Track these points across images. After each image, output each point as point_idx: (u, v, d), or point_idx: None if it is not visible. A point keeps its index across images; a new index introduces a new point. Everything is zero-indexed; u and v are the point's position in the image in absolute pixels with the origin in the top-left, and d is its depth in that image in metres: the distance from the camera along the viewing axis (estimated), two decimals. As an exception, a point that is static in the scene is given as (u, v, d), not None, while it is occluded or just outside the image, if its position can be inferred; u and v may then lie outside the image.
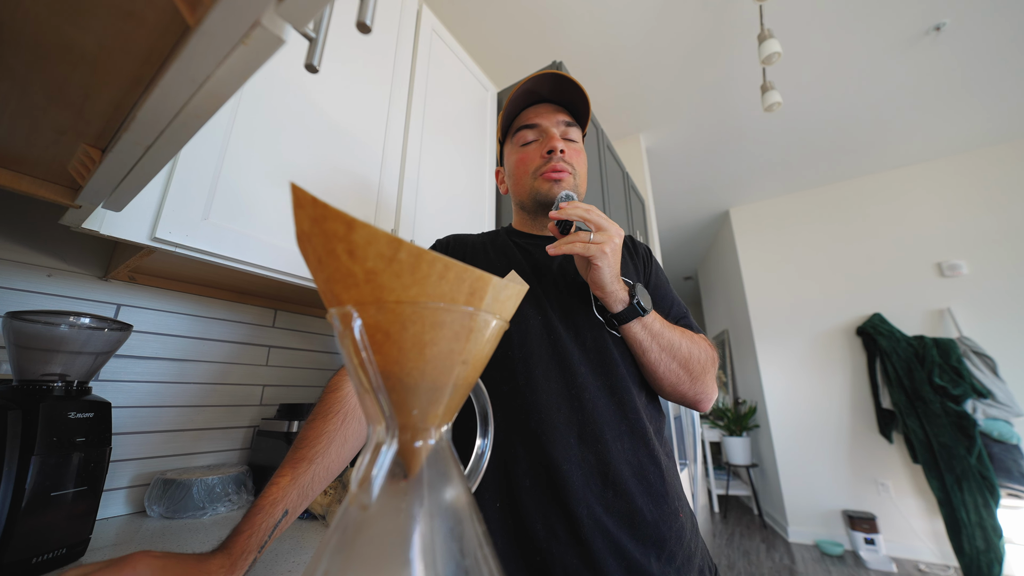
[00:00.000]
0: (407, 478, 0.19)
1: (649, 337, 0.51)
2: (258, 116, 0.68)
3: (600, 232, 0.48)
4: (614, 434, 0.48)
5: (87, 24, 0.25)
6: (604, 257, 0.47)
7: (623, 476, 0.46)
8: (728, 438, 3.40)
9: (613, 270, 0.48)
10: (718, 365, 0.57)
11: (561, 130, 0.61)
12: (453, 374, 0.19)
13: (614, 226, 0.49)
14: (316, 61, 0.26)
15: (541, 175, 0.60)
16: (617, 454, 0.47)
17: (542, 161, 0.60)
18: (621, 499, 0.45)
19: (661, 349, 0.51)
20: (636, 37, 1.81)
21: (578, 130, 0.63)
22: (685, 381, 0.53)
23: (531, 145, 0.62)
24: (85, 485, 0.50)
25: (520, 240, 0.65)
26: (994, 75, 2.02)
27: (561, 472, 0.45)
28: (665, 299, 0.61)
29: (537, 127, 0.62)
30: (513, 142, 0.64)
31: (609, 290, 0.49)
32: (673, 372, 0.52)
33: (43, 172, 0.44)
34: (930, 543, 2.36)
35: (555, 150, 0.59)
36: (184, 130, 0.30)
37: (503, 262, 0.61)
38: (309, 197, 0.17)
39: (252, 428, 0.87)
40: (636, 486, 0.46)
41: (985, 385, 2.22)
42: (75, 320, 0.53)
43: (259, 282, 0.76)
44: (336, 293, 0.17)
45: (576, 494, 0.44)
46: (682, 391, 0.54)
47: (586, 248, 0.46)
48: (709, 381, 0.54)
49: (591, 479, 0.45)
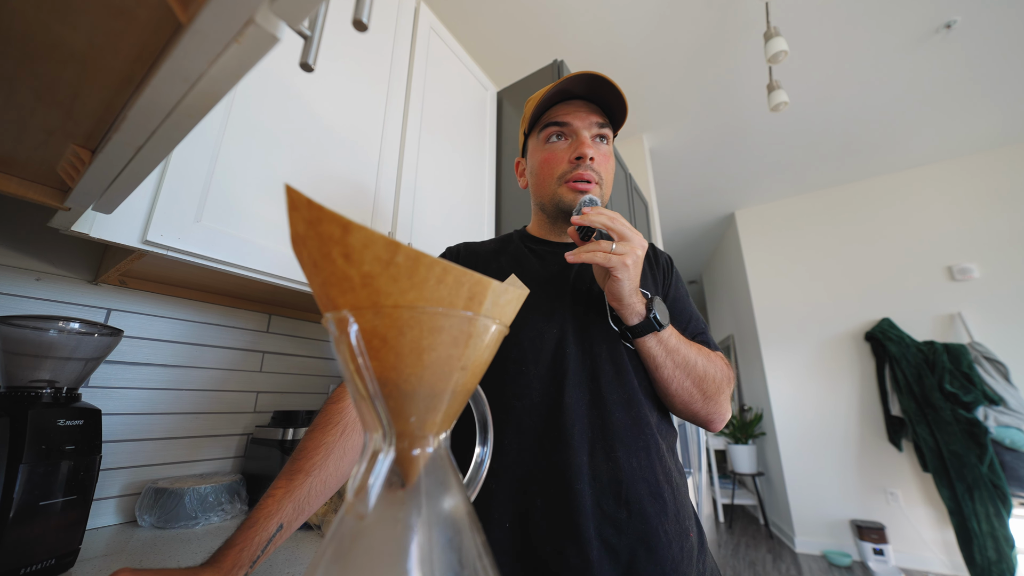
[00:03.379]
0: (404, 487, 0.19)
1: (664, 352, 0.50)
2: (252, 116, 0.67)
3: (623, 242, 0.46)
4: (627, 451, 0.47)
5: (77, 22, 0.25)
6: (625, 270, 0.45)
7: (637, 494, 0.45)
8: (733, 446, 3.34)
9: (633, 283, 0.47)
10: (733, 384, 0.55)
11: (593, 132, 0.59)
12: (452, 380, 0.19)
13: (638, 236, 0.47)
14: (311, 60, 0.26)
15: (567, 182, 0.58)
16: (631, 472, 0.46)
17: (569, 167, 0.57)
18: (635, 519, 0.44)
19: (676, 366, 0.50)
20: (639, 35, 1.80)
21: (610, 131, 0.61)
22: (698, 400, 0.51)
23: (559, 144, 0.59)
24: (74, 494, 0.49)
25: (536, 246, 0.63)
26: (1006, 73, 1.99)
27: (573, 491, 0.44)
28: (683, 313, 0.60)
29: (567, 126, 0.59)
30: (539, 138, 0.61)
31: (627, 303, 0.48)
32: (686, 390, 0.51)
33: (31, 173, 0.43)
34: (940, 554, 2.32)
35: (584, 157, 0.56)
36: (176, 130, 0.30)
37: (516, 271, 0.59)
38: (304, 199, 0.16)
39: (246, 436, 0.86)
40: (650, 505, 0.45)
41: (997, 392, 2.19)
42: (64, 325, 0.52)
43: (253, 286, 0.75)
44: (332, 297, 0.17)
45: (587, 513, 0.43)
46: (694, 410, 0.52)
47: (607, 259, 0.45)
48: (723, 401, 0.53)
49: (604, 498, 0.44)
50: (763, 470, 3.31)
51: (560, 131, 0.59)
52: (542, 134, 0.61)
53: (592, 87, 0.58)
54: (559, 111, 0.60)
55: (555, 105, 0.60)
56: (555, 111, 0.60)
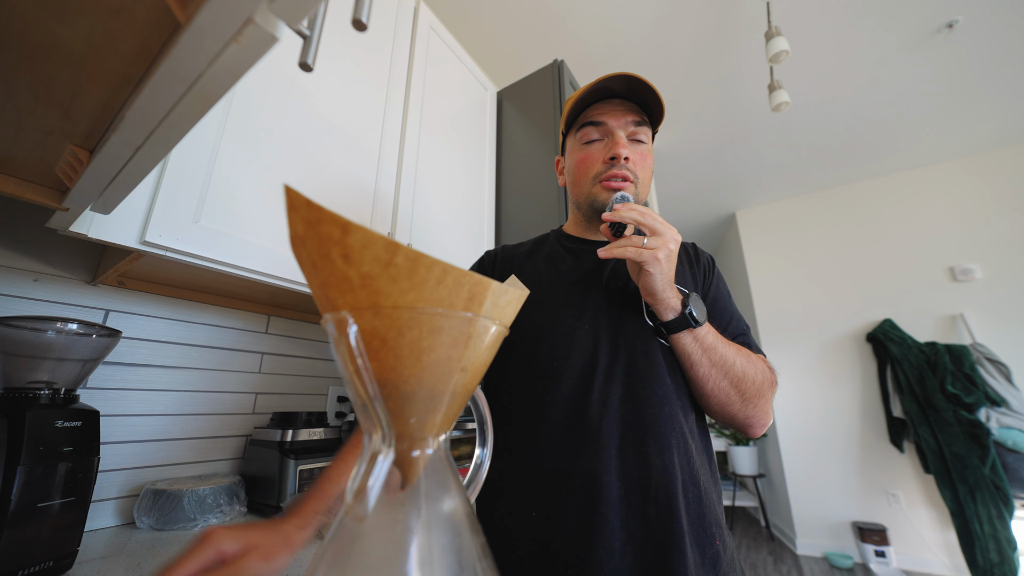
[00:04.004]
0: (404, 489, 0.19)
1: (700, 350, 0.48)
2: (251, 117, 0.67)
3: (654, 237, 0.45)
4: (658, 447, 0.46)
5: (75, 21, 0.25)
6: (657, 264, 0.45)
7: (665, 492, 0.45)
8: (734, 447, 3.31)
9: (666, 277, 0.46)
10: (776, 389, 0.53)
11: (629, 131, 0.58)
12: (452, 381, 0.19)
13: (670, 231, 0.47)
14: (311, 60, 0.26)
15: (601, 182, 0.57)
16: (660, 468, 0.45)
17: (604, 167, 0.57)
18: (662, 515, 0.44)
19: (712, 364, 0.49)
20: (640, 34, 1.79)
21: (648, 129, 0.60)
22: (736, 401, 0.50)
23: (595, 145, 0.59)
24: (72, 496, 0.49)
25: (571, 244, 0.63)
26: (1009, 73, 1.98)
27: (600, 483, 0.44)
28: (724, 313, 0.58)
29: (603, 126, 0.58)
30: (577, 138, 0.61)
31: (660, 297, 0.47)
32: (723, 390, 0.49)
33: (29, 174, 0.43)
34: (942, 556, 2.30)
35: (618, 157, 0.55)
36: (174, 130, 0.30)
37: (551, 270, 0.60)
38: (303, 199, 0.16)
39: (245, 437, 0.86)
40: (678, 504, 0.44)
41: (999, 393, 2.17)
42: (62, 326, 0.52)
43: (252, 287, 0.75)
44: (331, 298, 0.17)
45: (613, 507, 0.43)
46: (731, 412, 0.51)
47: (639, 253, 0.45)
48: (763, 405, 0.51)
49: (631, 492, 0.44)
50: (764, 472, 3.29)
51: (596, 131, 0.59)
52: (579, 133, 0.61)
53: (630, 86, 0.57)
54: (596, 110, 0.59)
55: (593, 104, 0.60)
56: (592, 110, 0.60)
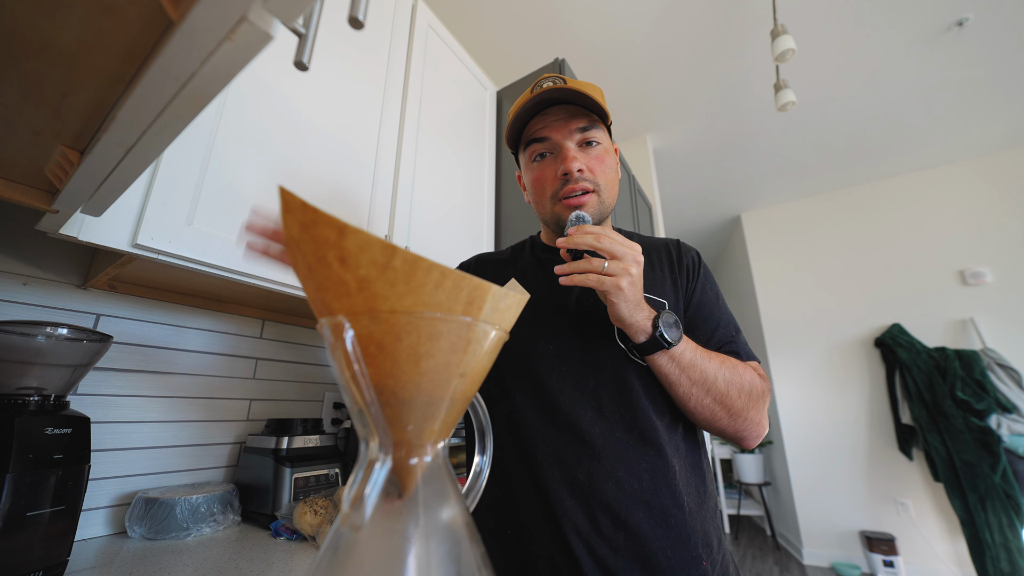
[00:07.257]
0: (402, 497, 0.18)
1: (677, 370, 0.46)
2: (245, 117, 0.66)
3: (614, 262, 0.42)
4: (629, 472, 0.45)
5: (65, 19, 0.25)
6: (619, 292, 0.42)
7: (638, 517, 0.44)
8: (739, 455, 3.29)
9: (631, 302, 0.44)
10: (768, 398, 0.52)
11: (577, 139, 0.55)
12: (450, 388, 0.18)
13: (631, 252, 0.44)
14: (306, 58, 0.26)
15: (561, 200, 0.54)
16: (632, 494, 0.45)
17: (559, 183, 0.54)
18: (633, 541, 0.43)
19: (692, 383, 0.47)
20: (643, 33, 1.77)
21: (599, 129, 0.56)
22: (722, 417, 0.48)
23: (546, 161, 0.56)
24: (62, 505, 0.48)
25: (545, 256, 0.61)
26: (1019, 72, 1.96)
27: (566, 509, 0.44)
28: (709, 320, 0.55)
29: (548, 140, 0.55)
30: (526, 155, 0.58)
31: (629, 322, 0.45)
32: (706, 407, 0.48)
33: (18, 175, 0.42)
34: (952, 566, 2.27)
35: (571, 172, 0.52)
36: (167, 131, 0.30)
37: (522, 284, 0.58)
38: (298, 201, 0.16)
39: (239, 444, 0.85)
40: (652, 528, 0.44)
41: (1010, 399, 2.15)
42: (52, 331, 0.51)
43: (246, 291, 0.74)
44: (327, 302, 0.17)
45: (580, 533, 0.43)
46: (720, 427, 0.49)
47: (600, 281, 0.42)
48: (753, 417, 0.49)
49: (600, 518, 0.44)
50: (770, 480, 3.26)
51: (543, 146, 0.56)
52: (527, 152, 0.58)
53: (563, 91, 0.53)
54: (538, 124, 0.56)
55: (533, 118, 0.56)
56: (534, 125, 0.56)
